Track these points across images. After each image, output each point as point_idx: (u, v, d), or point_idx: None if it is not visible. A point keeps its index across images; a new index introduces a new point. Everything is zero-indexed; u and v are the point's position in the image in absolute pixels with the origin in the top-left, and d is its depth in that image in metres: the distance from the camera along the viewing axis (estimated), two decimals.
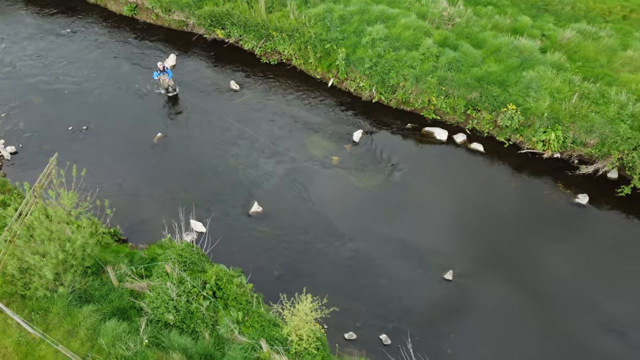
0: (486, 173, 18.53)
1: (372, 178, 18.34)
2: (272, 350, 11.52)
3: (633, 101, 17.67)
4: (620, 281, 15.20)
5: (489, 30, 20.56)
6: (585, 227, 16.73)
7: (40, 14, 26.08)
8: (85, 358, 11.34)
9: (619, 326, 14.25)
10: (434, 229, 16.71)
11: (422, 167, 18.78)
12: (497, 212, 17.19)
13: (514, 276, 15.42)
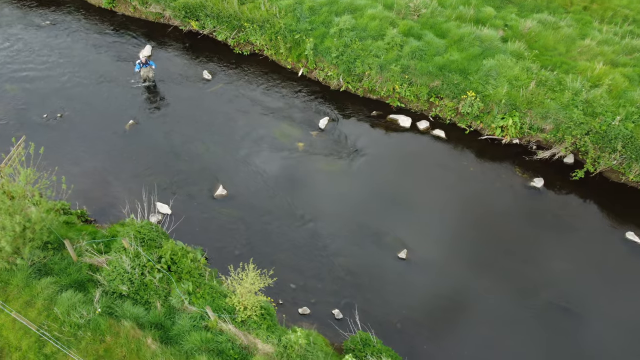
0: (446, 158, 19.08)
1: (335, 163, 18.89)
2: (219, 318, 12.07)
3: (587, 88, 18.23)
4: (566, 257, 15.77)
5: (453, 21, 21.12)
6: (538, 209, 17.29)
7: (21, 6, 26.61)
8: (41, 326, 11.88)
9: (565, 301, 14.80)
10: (391, 210, 17.26)
11: (385, 152, 19.33)
12: (454, 195, 17.74)
13: (466, 254, 15.98)
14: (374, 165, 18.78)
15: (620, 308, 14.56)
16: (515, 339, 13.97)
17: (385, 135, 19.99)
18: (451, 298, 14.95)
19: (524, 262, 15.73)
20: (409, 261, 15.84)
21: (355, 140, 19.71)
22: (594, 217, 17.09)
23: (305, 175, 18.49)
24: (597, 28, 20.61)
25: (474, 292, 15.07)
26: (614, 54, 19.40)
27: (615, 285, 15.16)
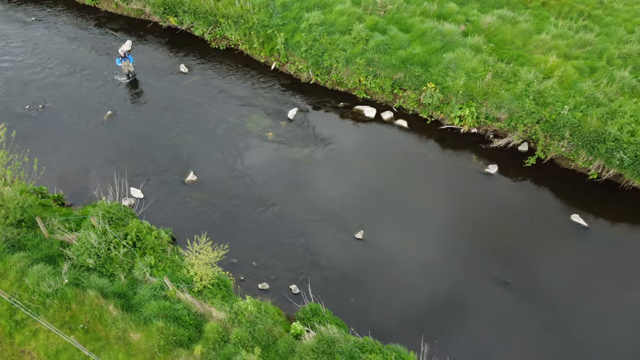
0: (408, 147, 20.08)
1: (301, 151, 19.88)
2: (177, 288, 13.07)
3: (540, 79, 19.23)
4: (514, 237, 16.76)
5: (418, 16, 22.10)
6: (490, 193, 18.28)
7: (6, 3, 27.60)
8: (13, 295, 12.88)
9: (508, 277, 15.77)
10: (352, 195, 18.24)
11: (350, 142, 20.32)
12: (412, 181, 18.74)
13: (419, 235, 16.95)
14: (338, 154, 19.78)
15: (561, 280, 15.54)
16: (457, 308, 14.94)
17: (350, 125, 20.99)
18: (402, 275, 15.93)
19: (473, 241, 16.71)
20: (365, 241, 16.83)
21: (322, 130, 20.71)
22: (543, 200, 18.08)
23: (272, 163, 19.48)
24: (554, 23, 21.59)
25: (424, 268, 16.05)
26: (568, 47, 20.37)
27: (558, 261, 16.14)
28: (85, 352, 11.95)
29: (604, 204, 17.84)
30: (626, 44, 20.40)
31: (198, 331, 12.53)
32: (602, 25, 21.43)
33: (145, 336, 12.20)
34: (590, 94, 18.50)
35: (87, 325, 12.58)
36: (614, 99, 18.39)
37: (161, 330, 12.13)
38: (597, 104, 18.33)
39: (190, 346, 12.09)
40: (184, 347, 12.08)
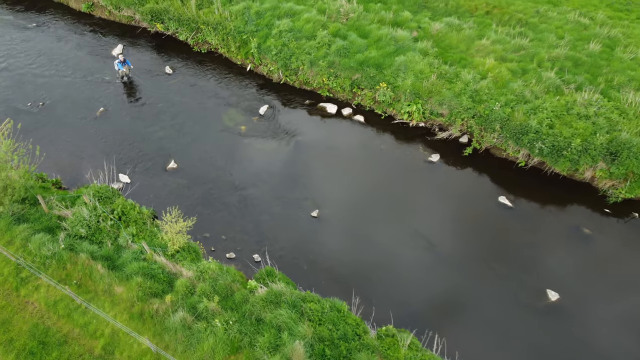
0: (363, 139, 22.87)
1: (270, 143, 22.67)
2: (154, 252, 15.85)
3: (477, 80, 22.01)
4: (449, 215, 19.53)
5: (376, 24, 24.88)
6: (431, 178, 21.06)
7: (10, 10, 30.39)
8: (18, 258, 15.66)
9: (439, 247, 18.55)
10: (311, 180, 21.02)
11: (312, 134, 23.10)
12: (365, 168, 21.51)
13: (368, 214, 19.72)
14: (302, 145, 22.56)
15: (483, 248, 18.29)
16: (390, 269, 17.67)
17: (314, 120, 23.78)
18: (350, 246, 18.68)
19: (413, 218, 19.46)
20: (320, 219, 19.61)
21: (289, 124, 23.50)
22: (476, 184, 20.86)
23: (244, 153, 22.27)
24: (494, 30, 24.35)
25: (368, 241, 18.81)
26: (504, 51, 23.15)
27: (482, 234, 18.90)
28: (78, 301, 14.74)
29: (528, 188, 20.63)
30: (555, 49, 23.16)
31: (170, 286, 15.32)
32: (537, 32, 24.21)
33: (127, 289, 14.99)
34: (519, 93, 21.28)
35: (80, 281, 15.35)
36: (539, 97, 21.17)
37: (140, 285, 14.92)
38: (524, 101, 21.11)
39: (163, 297, 14.87)
40: (158, 297, 14.86)
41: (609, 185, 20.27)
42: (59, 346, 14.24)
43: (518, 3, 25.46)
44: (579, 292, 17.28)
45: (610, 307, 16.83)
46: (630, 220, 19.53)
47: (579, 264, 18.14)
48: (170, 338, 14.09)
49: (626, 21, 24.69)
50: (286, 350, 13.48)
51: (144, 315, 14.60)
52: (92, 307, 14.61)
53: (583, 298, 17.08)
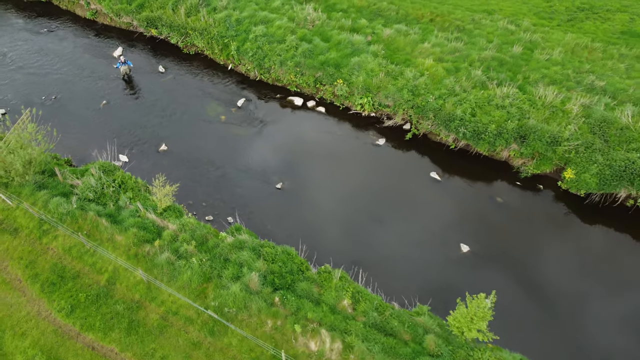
0: (323, 127, 27.31)
1: (245, 130, 27.12)
2: (146, 211, 20.30)
3: (417, 77, 26.43)
4: (389, 188, 23.94)
5: (337, 30, 29.31)
6: (377, 158, 25.48)
7: (25, 17, 34.87)
8: (40, 215, 20.10)
9: (383, 213, 22.94)
10: (278, 159, 25.45)
11: (281, 123, 27.55)
12: (323, 150, 25.94)
13: (323, 186, 24.14)
14: (272, 131, 27.00)
15: (416, 212, 22.69)
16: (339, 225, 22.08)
17: (284, 111, 28.23)
18: (307, 211, 23.09)
19: (361, 189, 23.89)
20: (283, 190, 24.04)
21: (262, 114, 27.94)
22: (413, 163, 25.29)
23: (223, 138, 26.71)
24: (435, 35, 28.77)
25: (323, 207, 23.22)
26: (442, 53, 27.57)
27: (415, 202, 23.31)
28: (87, 246, 19.20)
29: (455, 165, 25.07)
30: (485, 51, 27.59)
31: (158, 235, 19.75)
32: (471, 37, 28.65)
33: (125, 237, 19.43)
34: (451, 87, 25.72)
35: (89, 232, 19.79)
36: (467, 91, 25.61)
37: (135, 234, 19.35)
38: (454, 94, 25.54)
39: (153, 243, 19.31)
40: (149, 243, 19.30)
41: (520, 163, 24.74)
42: (73, 279, 18.69)
43: (458, 12, 29.90)
44: (486, 245, 21.70)
45: (509, 254, 21.25)
46: (535, 191, 23.97)
47: (489, 225, 22.57)
48: (158, 272, 18.54)
49: (547, 27, 29.11)
50: (245, 279, 17.93)
51: (138, 256, 19.04)
52: (99, 249, 19.07)
53: (488, 250, 21.50)
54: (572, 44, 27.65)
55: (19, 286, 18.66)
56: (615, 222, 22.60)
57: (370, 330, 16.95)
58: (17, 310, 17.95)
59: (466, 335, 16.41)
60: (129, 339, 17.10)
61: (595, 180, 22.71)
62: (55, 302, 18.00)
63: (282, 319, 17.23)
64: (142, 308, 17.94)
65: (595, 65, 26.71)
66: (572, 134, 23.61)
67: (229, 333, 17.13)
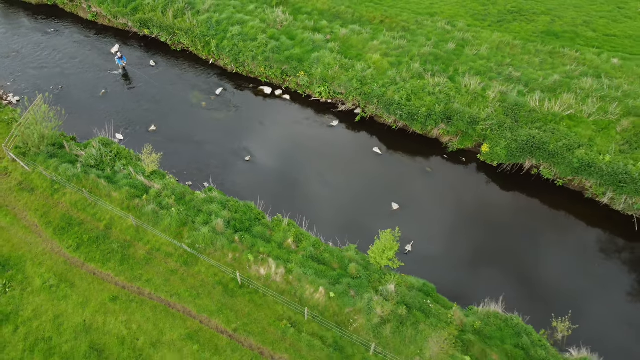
0: (287, 111, 32.43)
1: (222, 113, 32.24)
2: (136, 174, 25.41)
3: (365, 69, 31.55)
4: (339, 161, 29.05)
5: (301, 30, 34.44)
6: (330, 136, 30.60)
7: (34, 19, 39.96)
8: (52, 177, 25.22)
9: (331, 177, 28.05)
10: (247, 136, 30.56)
11: (253, 108, 32.67)
12: (287, 129, 31.06)
13: (284, 157, 29.26)
14: (244, 115, 32.13)
15: (359, 178, 27.77)
16: (295, 187, 27.15)
17: (255, 98, 33.35)
18: (268, 176, 28.18)
19: (314, 161, 28.97)
20: (251, 161, 29.14)
21: (236, 101, 33.06)
22: (360, 140, 30.40)
23: (203, 121, 31.83)
24: (384, 34, 33.89)
25: (283, 172, 28.30)
26: (388, 49, 32.69)
27: (360, 170, 28.39)
28: (89, 200, 24.30)
29: (394, 142, 30.17)
30: (424, 47, 32.71)
31: (146, 192, 24.83)
32: (414, 36, 33.78)
33: (119, 194, 24.53)
34: (392, 78, 30.84)
35: (90, 190, 24.89)
36: (406, 80, 30.72)
37: (127, 191, 24.45)
38: (395, 83, 30.66)
39: (141, 198, 24.41)
40: (138, 198, 24.39)
41: (447, 140, 29.87)
42: (78, 225, 23.79)
43: (404, 15, 35.02)
44: (413, 204, 26.80)
45: (431, 210, 26.33)
46: (459, 163, 29.08)
47: (418, 189, 27.68)
48: (145, 219, 23.65)
49: (479, 28, 34.23)
50: (213, 224, 23.04)
51: (129, 207, 24.15)
52: (99, 203, 24.18)
53: (414, 207, 26.59)
54: (498, 42, 32.79)
55: (36, 230, 23.78)
56: (520, 187, 27.74)
57: (307, 260, 22.07)
58: (35, 247, 23.07)
59: (380, 262, 21.55)
60: (121, 267, 22.21)
61: (504, 152, 27.84)
62: (65, 242, 23.13)
63: (240, 252, 22.36)
64: (132, 246, 23.07)
65: (515, 59, 31.86)
66: (488, 115, 28.73)
67: (199, 263, 22.26)
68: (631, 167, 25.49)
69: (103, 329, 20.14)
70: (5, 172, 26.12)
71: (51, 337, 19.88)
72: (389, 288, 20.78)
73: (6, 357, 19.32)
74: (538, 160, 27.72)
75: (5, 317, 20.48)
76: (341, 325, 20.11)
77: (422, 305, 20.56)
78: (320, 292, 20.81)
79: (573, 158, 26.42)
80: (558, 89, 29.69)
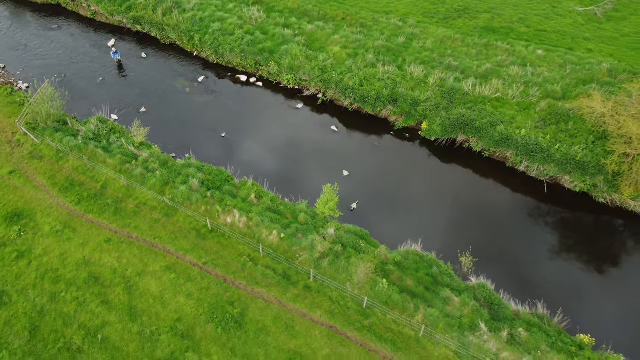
0: (260, 96, 37.53)
1: (203, 98, 37.34)
2: (128, 144, 30.50)
3: (326, 59, 36.64)
4: (300, 135, 34.13)
5: (273, 26, 39.53)
6: (296, 116, 35.70)
7: (40, 17, 45.07)
8: (58, 146, 30.30)
9: (285, 146, 33.13)
10: (224, 116, 35.63)
11: (230, 93, 37.76)
12: (259, 110, 36.14)
13: (255, 133, 34.34)
14: (223, 99, 37.21)
15: (317, 151, 32.81)
16: (261, 156, 32.21)
17: (232, 85, 38.46)
18: (241, 149, 33.25)
19: (280, 136, 34.02)
20: (227, 137, 34.21)
21: (216, 88, 38.16)
22: (320, 120, 35.49)
23: (187, 104, 36.92)
24: (344, 29, 38.94)
25: (252, 147, 33.35)
26: (347, 42, 37.75)
27: (319, 144, 33.46)
28: (88, 165, 29.39)
29: (350, 121, 35.26)
30: (378, 41, 37.80)
31: (135, 159, 29.93)
32: (370, 31, 38.86)
33: (113, 160, 29.63)
34: (349, 67, 35.92)
35: (89, 157, 29.98)
36: (360, 69, 35.80)
37: (120, 158, 29.54)
38: (351, 71, 35.75)
39: (132, 163, 29.50)
40: (129, 163, 29.49)
41: (394, 119, 34.97)
42: (79, 185, 28.89)
43: (363, 13, 40.10)
44: (361, 171, 31.86)
45: (376, 177, 31.39)
46: (403, 138, 34.18)
47: (366, 160, 32.75)
48: (134, 179, 28.75)
49: (427, 24, 39.33)
50: (189, 183, 28.12)
51: (122, 171, 29.26)
52: (96, 167, 29.27)
53: (362, 174, 31.64)
54: (442, 36, 37.89)
55: (44, 189, 28.87)
56: (453, 158, 32.83)
57: (265, 211, 27.18)
58: (43, 201, 28.15)
59: (324, 212, 26.63)
60: (114, 217, 27.31)
61: (440, 129, 32.94)
62: (68, 198, 28.23)
63: (211, 205, 27.47)
64: (124, 201, 28.18)
65: (455, 51, 36.96)
66: (428, 98, 33.84)
67: (177, 214, 27.36)
68: (541, 139, 30.60)
69: (99, 262, 25.23)
70: (18, 144, 31.24)
71: (57, 268, 24.96)
72: (330, 232, 25.88)
73: (23, 282, 24.41)
74: (468, 135, 32.83)
75: (21, 254, 25.56)
76: (289, 260, 25.20)
77: (355, 244, 25.66)
78: (274, 234, 25.90)
79: (495, 132, 31.52)
80: (489, 76, 34.79)
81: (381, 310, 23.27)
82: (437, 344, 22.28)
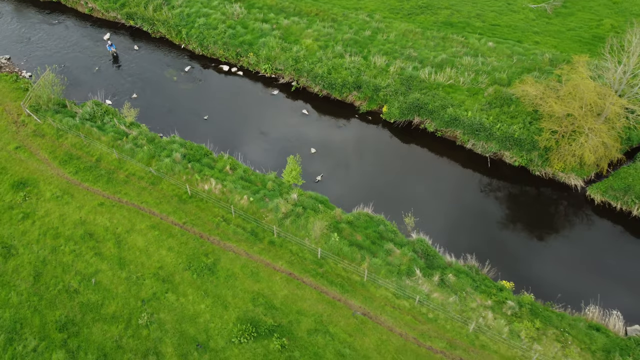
0: (240, 84, 41.63)
1: (189, 85, 41.44)
2: (119, 124, 34.59)
3: (300, 50, 40.71)
4: (278, 118, 38.22)
5: (253, 21, 43.63)
6: (272, 102, 39.79)
7: (41, 13, 49.18)
8: (57, 125, 34.40)
9: (260, 129, 37.23)
10: (206, 101, 39.71)
11: (213, 81, 41.86)
12: (238, 97, 40.22)
13: (234, 116, 38.43)
14: (207, 86, 41.30)
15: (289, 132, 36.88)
16: (240, 137, 36.31)
17: (216, 74, 42.57)
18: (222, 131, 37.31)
19: (255, 119, 38.10)
20: (208, 120, 38.29)
21: (201, 76, 42.27)
22: (293, 105, 39.57)
23: (174, 91, 41.01)
24: (317, 23, 43.00)
25: (233, 128, 37.43)
26: (319, 35, 41.82)
27: (291, 126, 37.53)
28: (85, 142, 33.49)
29: (319, 106, 39.36)
30: (346, 34, 41.87)
31: (126, 136, 34.02)
32: (340, 25, 42.91)
33: (106, 137, 33.72)
34: (320, 57, 40.01)
35: (85, 135, 34.07)
36: (329, 59, 39.87)
37: (112, 135, 33.63)
38: (321, 61, 39.82)
39: (123, 139, 33.59)
40: (120, 140, 33.59)
41: (359, 104, 39.06)
42: (77, 159, 32.98)
43: (335, 9, 44.18)
44: (327, 148, 35.90)
45: (339, 153, 35.46)
46: (366, 121, 38.26)
47: (331, 139, 36.82)
48: (125, 153, 32.84)
49: (392, 19, 43.40)
50: (173, 157, 32.23)
51: (114, 146, 33.36)
52: (92, 144, 33.36)
53: (327, 151, 35.70)
54: (404, 30, 42.00)
55: (46, 162, 32.97)
56: (410, 137, 36.91)
57: (238, 180, 31.29)
58: (46, 172, 32.25)
59: (289, 180, 30.72)
60: (107, 185, 31.41)
61: (398, 112, 37.02)
62: (67, 169, 32.33)
63: (191, 175, 31.59)
64: (115, 172, 32.29)
65: (416, 43, 41.05)
66: (388, 84, 37.92)
67: (162, 182, 31.48)
68: (485, 120, 34.68)
69: (93, 222, 29.33)
70: (23, 124, 35.34)
71: (57, 227, 29.06)
72: (293, 196, 29.99)
73: (28, 238, 28.51)
74: (422, 117, 36.92)
75: (26, 215, 29.65)
76: (257, 219, 29.30)
77: (314, 207, 29.77)
78: (245, 199, 30.00)
79: (445, 114, 35.61)
80: (444, 65, 38.87)
81: (333, 259, 27.36)
82: (378, 287, 26.36)
